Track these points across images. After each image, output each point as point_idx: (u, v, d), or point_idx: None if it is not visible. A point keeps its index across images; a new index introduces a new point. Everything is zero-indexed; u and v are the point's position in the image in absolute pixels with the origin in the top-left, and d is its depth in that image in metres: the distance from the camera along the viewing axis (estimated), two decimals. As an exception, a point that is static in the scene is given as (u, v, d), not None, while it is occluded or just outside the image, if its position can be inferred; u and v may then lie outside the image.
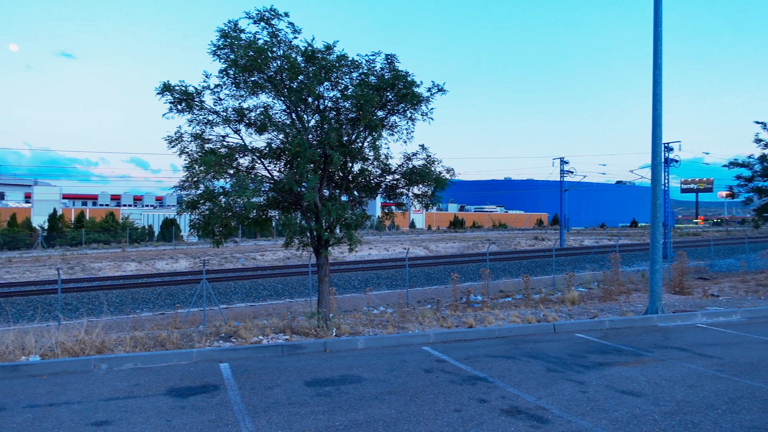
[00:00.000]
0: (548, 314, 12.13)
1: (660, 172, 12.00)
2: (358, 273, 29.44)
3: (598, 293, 18.22)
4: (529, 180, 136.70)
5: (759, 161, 15.31)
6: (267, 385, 6.91)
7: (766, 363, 7.77)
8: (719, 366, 7.64)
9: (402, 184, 11.18)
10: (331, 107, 10.48)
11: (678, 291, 17.89)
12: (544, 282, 25.35)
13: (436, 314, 12.92)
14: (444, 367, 7.77)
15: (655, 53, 12.08)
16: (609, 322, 10.93)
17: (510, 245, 52.50)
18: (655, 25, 12.06)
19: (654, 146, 12.04)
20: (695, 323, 11.20)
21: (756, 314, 12.12)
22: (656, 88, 12.02)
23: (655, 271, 11.85)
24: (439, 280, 27.68)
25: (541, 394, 6.41)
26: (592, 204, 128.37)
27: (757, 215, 16.03)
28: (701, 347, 8.88)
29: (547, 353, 8.55)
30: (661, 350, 8.69)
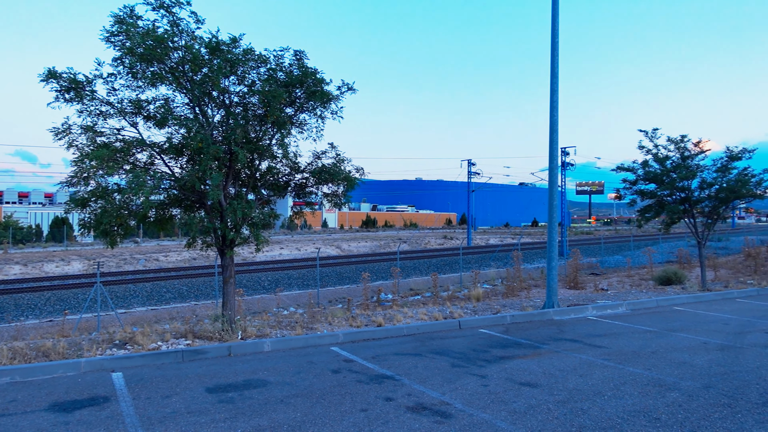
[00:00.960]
0: (454, 311, 12.50)
1: (556, 175, 12.76)
2: (269, 273, 28.80)
3: (502, 289, 19.10)
4: (439, 180, 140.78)
5: (641, 166, 16.70)
6: (164, 393, 6.52)
7: (646, 351, 8.47)
8: (606, 355, 8.23)
9: (311, 182, 11.04)
10: (238, 102, 10.12)
11: (573, 286, 19.13)
12: (452, 279, 26.15)
13: (347, 314, 12.89)
14: (352, 367, 7.75)
15: (553, 64, 12.81)
16: (510, 317, 11.45)
17: (420, 244, 53.69)
18: (553, 37, 12.79)
19: (551, 151, 12.77)
20: (587, 316, 12.02)
21: (639, 306, 13.23)
22: (553, 95, 12.76)
23: (551, 268, 12.58)
24: (351, 279, 27.71)
25: (445, 389, 6.56)
26: (497, 204, 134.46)
27: (640, 216, 17.48)
28: (591, 338, 9.53)
29: (452, 349, 8.79)
30: (557, 342, 9.23)
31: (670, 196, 16.76)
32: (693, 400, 6.03)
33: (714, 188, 16.34)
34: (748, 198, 16.88)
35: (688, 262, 26.45)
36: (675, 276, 18.18)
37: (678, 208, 16.52)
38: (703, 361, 7.75)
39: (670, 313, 12.26)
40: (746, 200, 17.43)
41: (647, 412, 5.66)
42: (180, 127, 9.50)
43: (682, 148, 16.51)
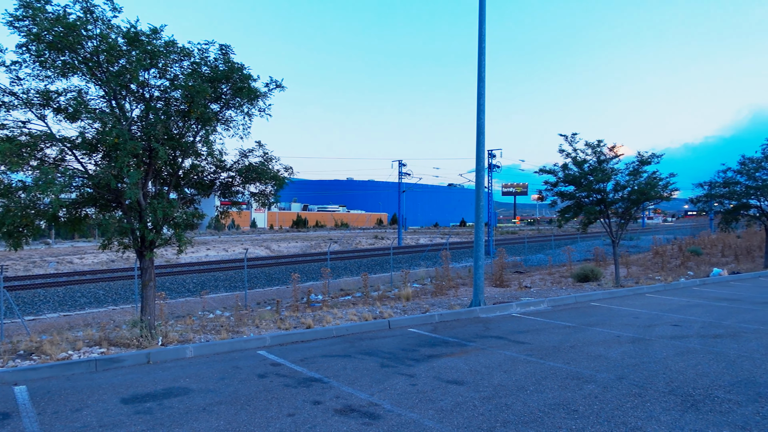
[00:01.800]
0: (384, 311, 12.55)
1: (483, 176, 13.11)
2: (194, 275, 27.74)
3: (431, 288, 19.41)
4: (370, 181, 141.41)
5: (561, 169, 17.50)
6: (74, 407, 6.08)
7: (565, 345, 8.86)
8: (529, 351, 8.53)
9: (238, 181, 10.71)
10: (159, 97, 9.64)
11: (499, 284, 19.74)
12: (382, 279, 26.29)
13: (275, 316, 12.62)
14: (279, 370, 7.57)
15: (480, 69, 13.15)
16: (438, 315, 11.64)
17: (352, 244, 53.68)
18: (480, 44, 13.14)
19: (478, 153, 13.11)
20: (511, 313, 12.42)
21: (559, 303, 13.84)
22: (480, 99, 13.10)
23: (478, 268, 12.91)
24: (281, 280, 27.23)
25: (374, 390, 6.54)
26: (427, 204, 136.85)
27: (561, 216, 18.32)
28: (515, 335, 9.85)
29: (381, 349, 8.80)
30: (482, 339, 9.47)
31: (588, 197, 17.66)
32: (608, 391, 6.35)
33: (626, 190, 17.38)
34: (657, 200, 18.07)
35: (603, 259, 28.03)
36: (592, 273, 19.20)
37: (594, 209, 17.44)
38: (617, 354, 8.20)
39: (588, 309, 12.91)
40: (655, 202, 18.65)
41: (566, 405, 5.90)
42: (94, 121, 8.90)
43: (598, 152, 17.45)
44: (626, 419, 5.45)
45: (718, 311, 12.26)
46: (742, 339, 9.20)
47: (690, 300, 14.22)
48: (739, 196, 24.37)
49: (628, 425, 5.29)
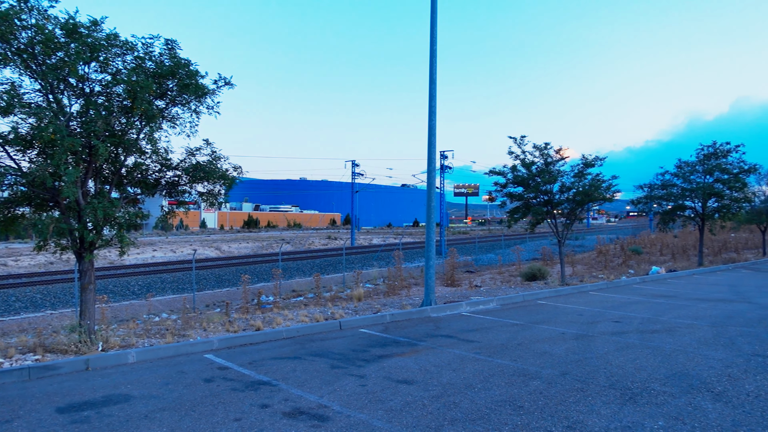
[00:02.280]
0: (336, 312, 12.49)
1: (434, 177, 13.25)
2: (140, 277, 26.80)
3: (384, 288, 19.47)
4: (324, 181, 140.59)
5: (511, 171, 17.91)
6: (4, 418, 5.74)
7: (513, 343, 9.06)
8: (478, 349, 8.67)
9: (185, 180, 10.40)
10: (100, 92, 9.25)
11: (450, 283, 20.01)
12: (335, 280, 26.18)
13: (224, 318, 12.35)
14: (226, 374, 7.40)
15: (431, 71, 13.29)
16: (390, 315, 11.68)
17: (304, 245, 53.20)
18: (432, 46, 13.27)
19: (429, 154, 13.24)
20: (461, 312, 12.61)
21: (508, 301, 14.15)
22: (431, 101, 13.23)
23: (429, 267, 13.03)
24: (231, 282, 26.69)
25: (323, 392, 6.49)
26: (380, 205, 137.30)
27: (510, 216, 18.74)
28: (465, 333, 10.00)
29: (332, 350, 8.75)
30: (433, 339, 9.56)
31: (536, 198, 18.15)
32: (552, 387, 6.53)
33: (572, 192, 17.97)
34: (600, 201, 18.75)
35: (550, 259, 28.89)
36: (539, 272, 19.74)
37: (542, 210, 17.95)
38: (561, 350, 8.45)
39: (535, 307, 13.26)
40: (598, 203, 19.35)
41: (512, 401, 6.03)
42: (29, 116, 8.45)
43: (545, 154, 17.96)
44: (569, 413, 5.62)
45: (656, 308, 12.84)
46: (677, 334, 9.66)
47: (630, 297, 14.83)
48: (675, 198, 25.62)
49: (570, 419, 5.45)
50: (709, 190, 24.44)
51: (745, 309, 12.48)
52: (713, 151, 25.04)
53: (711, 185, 24.56)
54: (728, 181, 24.39)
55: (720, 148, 24.93)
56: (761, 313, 11.80)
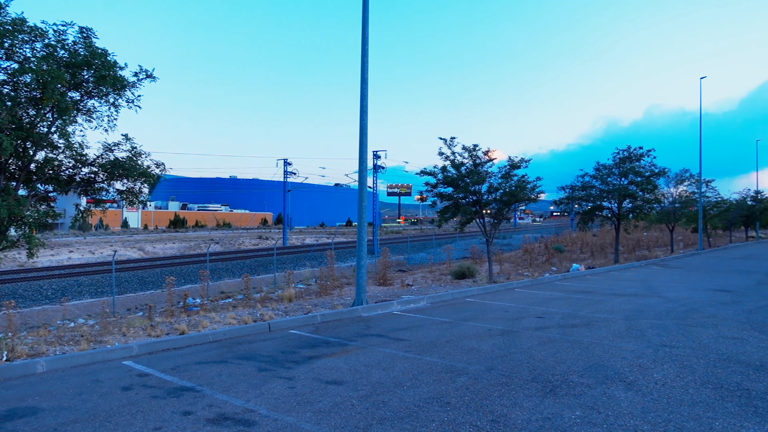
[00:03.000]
0: (265, 313, 12.23)
1: (365, 177, 13.26)
2: (55, 281, 25.11)
3: (316, 289, 19.27)
4: (255, 179, 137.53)
5: (441, 171, 18.24)
6: None
7: (442, 340, 9.22)
8: (408, 347, 8.76)
9: (102, 178, 9.83)
10: (6, 81, 8.58)
11: (382, 283, 20.10)
12: (266, 281, 25.65)
13: (146, 322, 11.78)
14: (147, 381, 7.05)
15: (363, 70, 13.29)
16: (321, 316, 11.57)
17: (234, 245, 51.83)
18: (363, 44, 13.28)
19: (360, 154, 13.24)
20: (392, 311, 12.70)
21: (438, 299, 14.40)
22: (363, 100, 13.24)
23: (360, 267, 13.04)
24: (155, 284, 25.53)
25: (250, 396, 6.32)
26: (313, 204, 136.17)
27: (440, 216, 19.08)
28: (395, 332, 10.08)
29: (260, 353, 8.55)
30: (363, 338, 9.56)
31: (465, 198, 18.59)
32: (478, 382, 6.70)
33: (499, 192, 18.55)
34: (526, 201, 19.48)
35: (479, 257, 29.70)
36: (468, 271, 20.24)
37: (471, 210, 18.40)
38: (488, 346, 8.70)
39: (464, 305, 13.58)
40: (524, 203, 20.09)
41: (440, 398, 6.13)
42: None
43: (474, 155, 18.42)
44: (493, 407, 5.78)
45: (576, 303, 13.49)
46: (594, 327, 10.19)
47: (552, 293, 15.50)
48: (594, 199, 27.06)
49: (495, 413, 5.61)
50: (624, 191, 26.00)
51: (654, 303, 13.36)
52: (628, 155, 26.69)
53: (626, 187, 26.14)
54: (641, 184, 26.08)
55: (634, 152, 26.62)
56: (668, 307, 12.67)
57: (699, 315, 11.46)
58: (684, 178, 36.00)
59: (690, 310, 12.19)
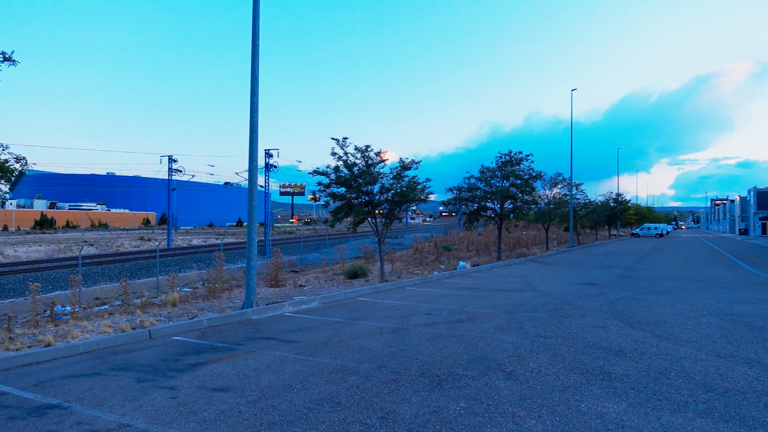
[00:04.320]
0: (146, 319, 11.45)
1: (256, 175, 12.90)
2: None
3: (203, 292, 18.41)
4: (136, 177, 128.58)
5: (334, 171, 18.24)
6: None
7: (333, 340, 9.22)
8: (299, 349, 8.64)
9: (-54, 172, 8.65)
10: None
11: (274, 284, 19.69)
12: (148, 285, 24.05)
13: (4, 335, 10.53)
14: (3, 400, 6.30)
15: (253, 65, 12.92)
16: (207, 320, 11.07)
17: (112, 247, 48.06)
18: (254, 39, 12.91)
19: (251, 152, 12.86)
20: (283, 313, 12.48)
21: (330, 299, 14.38)
22: (254, 97, 12.87)
23: (250, 268, 12.66)
24: (17, 291, 22.92)
25: (127, 409, 5.88)
26: (201, 204, 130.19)
27: (333, 216, 19.07)
28: (286, 334, 9.91)
29: (139, 363, 7.99)
30: (253, 342, 9.29)
31: (357, 198, 18.74)
32: (368, 381, 6.77)
33: (391, 193, 18.93)
34: (416, 202, 20.07)
35: (372, 257, 30.13)
36: (361, 270, 20.44)
37: (363, 210, 18.60)
38: (378, 344, 8.83)
39: (356, 304, 13.69)
40: (415, 203, 20.69)
41: (331, 398, 6.11)
42: None
43: (366, 156, 18.64)
44: (383, 405, 5.87)
45: (462, 299, 14.14)
46: (478, 321, 10.74)
47: (441, 291, 16.12)
48: (479, 200, 28.57)
49: (384, 410, 5.70)
50: (506, 193, 27.74)
51: (531, 297, 14.37)
52: (509, 159, 28.50)
53: (507, 189, 27.89)
54: (521, 186, 27.98)
55: (514, 156, 28.48)
56: (543, 300, 13.70)
57: (569, 307, 12.51)
58: (558, 181, 39.20)
59: (562, 302, 13.26)
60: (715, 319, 10.80)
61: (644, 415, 5.46)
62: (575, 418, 5.41)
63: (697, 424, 5.20)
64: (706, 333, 9.47)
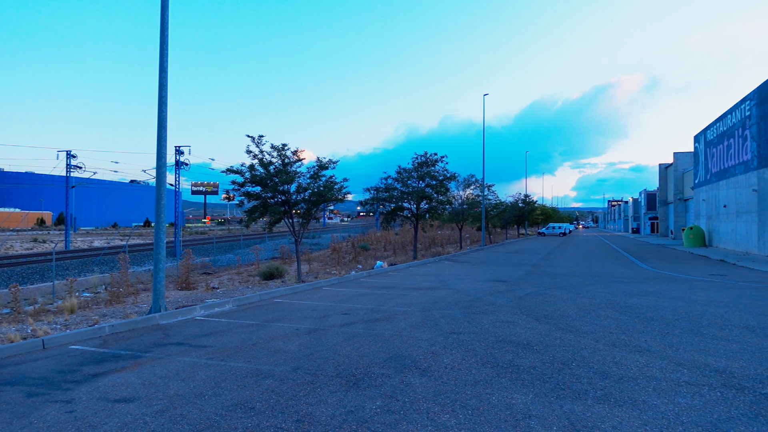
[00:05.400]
0: (39, 328, 10.54)
1: (164, 173, 12.27)
2: None
3: (106, 297, 17.27)
4: (29, 173, 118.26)
5: (249, 170, 17.75)
6: None
7: (247, 344, 8.95)
8: (211, 354, 8.31)
9: None
10: None
11: (185, 287, 18.87)
12: (42, 290, 22.18)
13: None
14: None
15: (162, 57, 12.28)
16: (110, 327, 10.37)
17: (0, 249, 43.87)
18: (162, 30, 12.27)
19: (159, 148, 12.21)
20: (194, 317, 11.96)
21: (244, 302, 13.98)
22: (162, 90, 12.23)
23: (158, 270, 12.03)
24: None
25: (15, 427, 5.37)
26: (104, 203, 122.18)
27: (248, 216, 18.55)
28: (197, 339, 9.49)
29: (30, 375, 7.33)
30: (161, 348, 8.81)
31: (273, 198, 18.36)
32: (284, 384, 6.64)
33: (308, 192, 18.72)
34: (333, 201, 19.98)
35: (289, 257, 29.67)
36: (277, 271, 20.07)
37: (279, 209, 18.25)
38: (295, 346, 8.69)
39: (271, 306, 13.39)
40: (332, 203, 20.59)
41: (244, 404, 5.92)
42: None
43: (283, 155, 18.30)
44: (299, 407, 5.77)
45: (379, 298, 14.25)
46: (394, 320, 10.87)
47: (358, 290, 16.17)
48: (396, 200, 28.98)
49: (300, 413, 5.61)
50: (422, 193, 28.36)
51: (446, 294, 14.77)
52: (425, 160, 29.15)
53: (423, 189, 28.52)
54: (436, 187, 28.71)
55: (430, 158, 29.16)
56: (457, 297, 14.12)
57: (481, 303, 12.99)
58: (471, 182, 40.61)
59: (474, 299, 13.74)
60: (612, 312, 11.65)
61: (549, 404, 5.76)
62: (486, 410, 5.60)
63: (596, 410, 5.56)
64: (604, 325, 10.18)
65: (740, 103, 35.20)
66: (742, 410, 5.53)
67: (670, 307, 12.23)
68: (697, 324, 10.20)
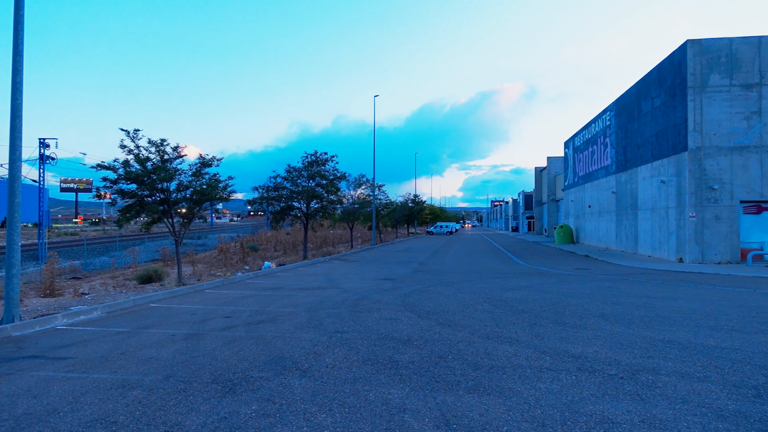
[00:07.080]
0: None
1: (19, 167, 11.03)
2: None
3: (-53, 308, 15.17)
4: None
5: (123, 166, 16.50)
6: None
7: (115, 353, 8.31)
8: (71, 366, 7.60)
9: None
10: None
11: (49, 294, 17.14)
12: None
13: None
14: None
15: (16, 39, 11.05)
16: (-51, 342, 9.12)
17: None
18: (17, 7, 11.04)
19: (13, 139, 10.95)
20: (56, 326, 10.88)
21: (116, 307, 12.97)
22: (17, 76, 11.00)
23: (12, 276, 10.80)
24: None
25: None
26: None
27: (122, 215, 17.24)
28: (56, 350, 8.64)
29: None
30: (11, 363, 7.90)
31: (151, 196, 17.25)
32: (153, 394, 6.23)
33: (189, 191, 17.81)
34: (218, 200, 19.19)
35: (171, 259, 28.03)
36: (155, 274, 18.87)
37: (158, 208, 17.18)
38: (168, 353, 8.21)
39: (146, 311, 12.56)
40: (217, 202, 19.78)
41: (106, 418, 5.48)
42: None
43: (162, 151, 17.26)
44: (167, 418, 5.45)
45: (264, 300, 13.92)
46: (278, 321, 10.67)
47: (243, 292, 15.67)
48: (286, 199, 28.52)
49: (168, 423, 5.30)
50: (312, 192, 28.16)
51: (333, 294, 14.78)
52: (315, 159, 28.99)
53: (313, 189, 28.34)
54: (326, 186, 28.66)
55: (320, 157, 29.05)
56: (344, 296, 14.19)
57: (367, 301, 13.16)
58: (362, 182, 41.07)
59: (361, 298, 13.88)
60: (488, 306, 12.34)
61: (423, 397, 5.96)
62: (363, 407, 5.67)
63: (466, 400, 5.84)
64: (480, 318, 10.75)
65: (602, 113, 39.03)
66: (592, 390, 6.11)
67: (540, 300, 13.22)
68: (561, 314, 11.11)
